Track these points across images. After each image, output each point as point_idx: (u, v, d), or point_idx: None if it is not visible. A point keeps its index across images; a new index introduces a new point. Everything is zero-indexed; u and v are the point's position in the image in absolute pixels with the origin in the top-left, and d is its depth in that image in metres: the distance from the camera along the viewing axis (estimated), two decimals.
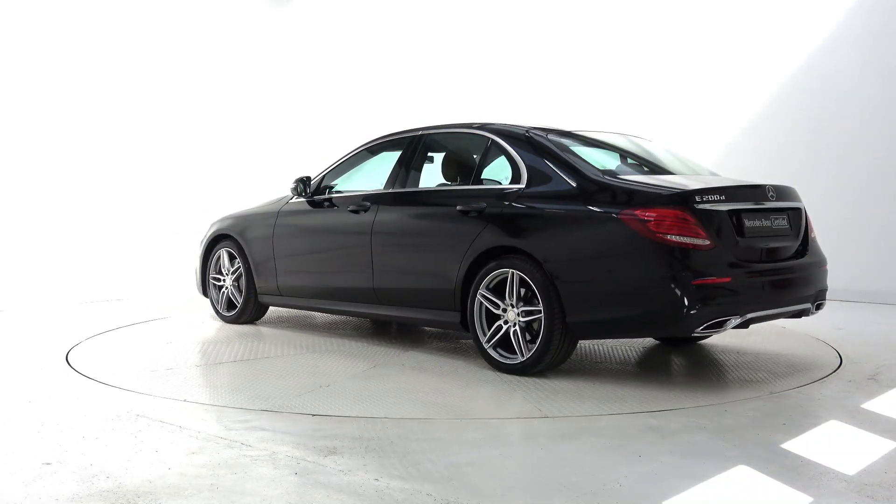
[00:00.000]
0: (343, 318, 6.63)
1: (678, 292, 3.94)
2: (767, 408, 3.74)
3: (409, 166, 5.29)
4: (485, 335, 4.55)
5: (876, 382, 4.26)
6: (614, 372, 4.61)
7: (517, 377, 4.37)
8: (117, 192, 9.10)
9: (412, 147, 5.34)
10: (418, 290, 4.99)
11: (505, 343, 4.48)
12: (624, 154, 5.09)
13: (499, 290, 4.48)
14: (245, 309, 6.40)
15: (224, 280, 6.54)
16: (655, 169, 4.92)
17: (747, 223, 4.22)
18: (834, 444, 3.22)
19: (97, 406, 3.81)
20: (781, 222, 4.45)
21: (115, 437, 3.29)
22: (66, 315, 7.02)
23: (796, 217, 4.58)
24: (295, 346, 5.43)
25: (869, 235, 7.75)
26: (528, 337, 4.38)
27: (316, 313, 6.76)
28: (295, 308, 6.09)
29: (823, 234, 7.97)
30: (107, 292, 8.28)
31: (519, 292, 4.39)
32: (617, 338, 4.58)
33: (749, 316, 4.12)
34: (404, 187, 5.24)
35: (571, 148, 4.70)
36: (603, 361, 4.87)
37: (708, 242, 4.00)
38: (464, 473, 2.84)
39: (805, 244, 4.58)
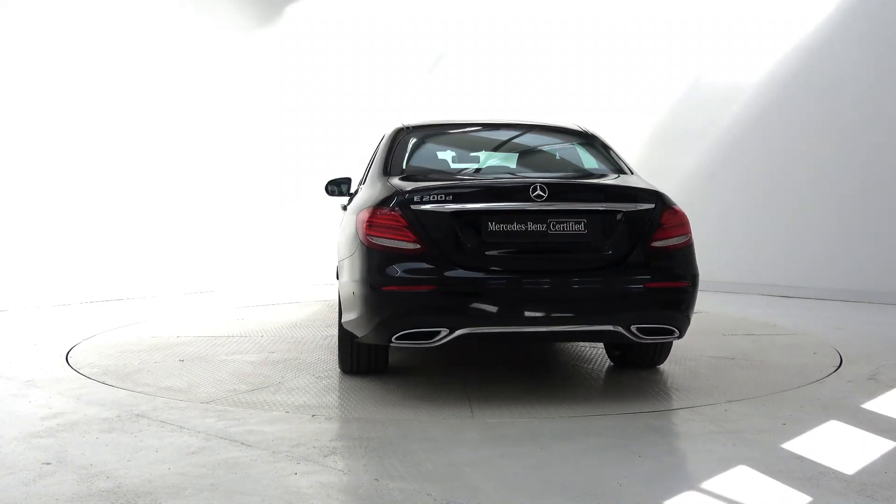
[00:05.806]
0: None
1: (369, 298, 3.71)
2: (767, 408, 3.74)
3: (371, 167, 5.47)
4: None
5: (876, 382, 4.26)
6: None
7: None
8: (118, 192, 9.10)
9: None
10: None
11: None
12: (509, 154, 4.91)
13: None
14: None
15: None
16: (533, 167, 4.85)
17: (492, 226, 3.71)
18: (834, 444, 3.21)
19: (97, 406, 3.81)
20: (573, 227, 3.75)
21: (115, 437, 3.29)
22: (66, 315, 7.02)
23: (609, 222, 3.81)
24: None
25: (869, 235, 7.75)
26: None
27: None
28: None
29: (823, 235, 8.02)
30: (107, 292, 8.28)
31: None
32: (363, 342, 4.01)
33: (470, 331, 3.61)
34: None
35: (419, 147, 4.65)
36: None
37: (417, 247, 3.66)
38: (464, 473, 2.84)
39: (628, 254, 3.78)
